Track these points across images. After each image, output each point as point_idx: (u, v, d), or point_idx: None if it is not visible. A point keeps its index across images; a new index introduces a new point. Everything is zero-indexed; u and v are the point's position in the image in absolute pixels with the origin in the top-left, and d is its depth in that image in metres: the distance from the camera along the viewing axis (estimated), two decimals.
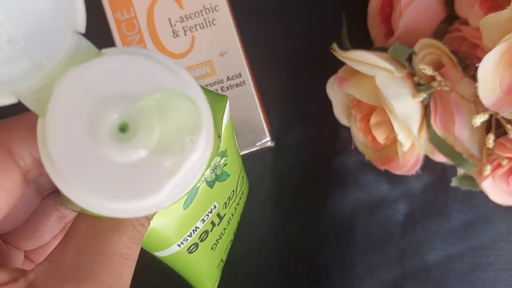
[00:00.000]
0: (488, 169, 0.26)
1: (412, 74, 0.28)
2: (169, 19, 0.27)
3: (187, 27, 0.27)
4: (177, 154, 0.14)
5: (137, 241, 0.17)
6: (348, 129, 0.32)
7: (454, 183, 0.29)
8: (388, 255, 0.33)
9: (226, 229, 0.27)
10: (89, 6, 0.28)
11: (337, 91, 0.31)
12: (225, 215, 0.26)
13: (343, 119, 0.32)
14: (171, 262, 0.25)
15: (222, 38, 0.27)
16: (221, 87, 0.27)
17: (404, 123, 0.26)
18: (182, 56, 0.27)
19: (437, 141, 0.27)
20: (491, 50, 0.23)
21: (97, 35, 0.28)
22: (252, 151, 0.28)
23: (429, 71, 0.26)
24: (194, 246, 0.24)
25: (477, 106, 0.25)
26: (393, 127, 0.27)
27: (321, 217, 0.34)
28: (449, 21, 0.28)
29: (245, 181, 0.29)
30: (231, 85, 0.27)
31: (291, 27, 0.34)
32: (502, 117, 0.24)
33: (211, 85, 0.27)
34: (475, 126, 0.25)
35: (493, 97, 0.24)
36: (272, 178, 0.34)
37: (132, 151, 0.14)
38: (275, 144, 0.30)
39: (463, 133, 0.26)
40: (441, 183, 0.33)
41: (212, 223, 0.25)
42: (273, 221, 0.34)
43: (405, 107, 0.26)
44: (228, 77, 0.27)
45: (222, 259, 0.29)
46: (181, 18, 0.27)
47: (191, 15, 0.27)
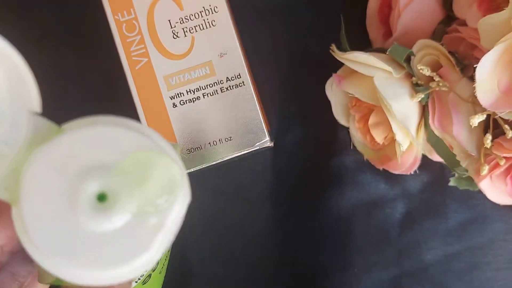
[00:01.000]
0: (486, 169, 0.26)
1: (410, 74, 0.28)
2: (169, 20, 0.27)
3: (186, 28, 0.27)
4: (160, 211, 0.14)
5: None
6: (347, 129, 0.32)
7: (452, 183, 0.29)
8: (386, 254, 0.33)
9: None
10: (89, 7, 0.28)
11: (336, 91, 0.31)
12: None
13: (342, 119, 0.32)
14: None
15: (221, 39, 0.27)
16: (221, 88, 0.27)
17: (402, 123, 0.26)
18: (181, 57, 0.27)
19: (435, 141, 0.27)
20: (489, 51, 0.23)
21: (98, 36, 0.28)
22: (251, 151, 0.28)
23: (427, 72, 0.26)
24: None
25: (475, 106, 0.25)
26: (391, 127, 0.27)
27: (320, 216, 0.34)
28: (447, 22, 0.28)
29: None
30: (230, 86, 0.27)
31: (291, 28, 0.34)
32: (500, 117, 0.24)
33: (211, 86, 0.27)
34: (473, 126, 0.25)
35: (491, 98, 0.24)
36: (270, 177, 0.34)
37: (116, 217, 0.14)
38: (274, 143, 0.30)
39: (461, 133, 0.26)
40: (439, 183, 0.33)
41: None
42: (271, 220, 0.34)
43: (403, 107, 0.27)
44: (227, 78, 0.27)
45: None
46: (181, 19, 0.27)
47: (191, 16, 0.27)
